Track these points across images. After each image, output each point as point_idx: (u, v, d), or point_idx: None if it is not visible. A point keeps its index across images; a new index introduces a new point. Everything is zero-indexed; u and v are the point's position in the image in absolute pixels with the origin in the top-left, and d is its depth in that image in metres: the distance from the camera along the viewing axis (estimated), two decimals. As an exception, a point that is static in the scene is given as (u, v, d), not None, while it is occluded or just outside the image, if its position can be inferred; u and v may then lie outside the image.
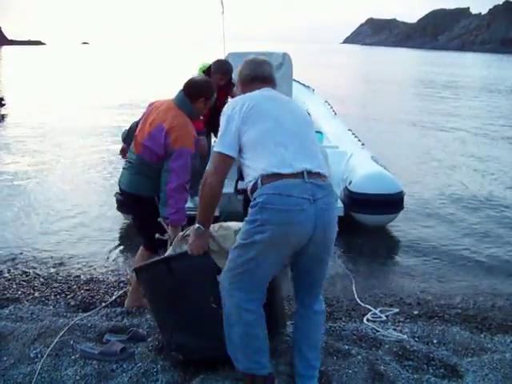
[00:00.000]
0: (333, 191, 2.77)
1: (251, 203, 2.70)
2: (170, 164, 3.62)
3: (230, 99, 6.66)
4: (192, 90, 3.79)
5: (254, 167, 2.73)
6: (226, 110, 2.92)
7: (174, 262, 3.08)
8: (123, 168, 4.04)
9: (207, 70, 6.18)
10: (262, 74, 3.12)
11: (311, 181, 2.65)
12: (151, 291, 3.33)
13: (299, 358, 2.98)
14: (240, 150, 2.81)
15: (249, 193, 2.78)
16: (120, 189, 4.09)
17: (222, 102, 6.53)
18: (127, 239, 6.16)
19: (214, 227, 3.14)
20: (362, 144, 7.78)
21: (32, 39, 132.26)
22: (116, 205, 6.22)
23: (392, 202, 6.31)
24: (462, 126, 15.10)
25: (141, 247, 4.18)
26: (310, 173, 2.66)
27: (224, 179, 2.82)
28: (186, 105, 3.76)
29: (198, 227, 2.88)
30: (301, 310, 3.01)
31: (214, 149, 2.85)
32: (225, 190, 6.13)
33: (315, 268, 2.87)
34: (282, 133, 2.79)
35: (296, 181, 2.62)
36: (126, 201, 4.23)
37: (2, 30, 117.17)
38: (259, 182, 2.67)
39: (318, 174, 2.71)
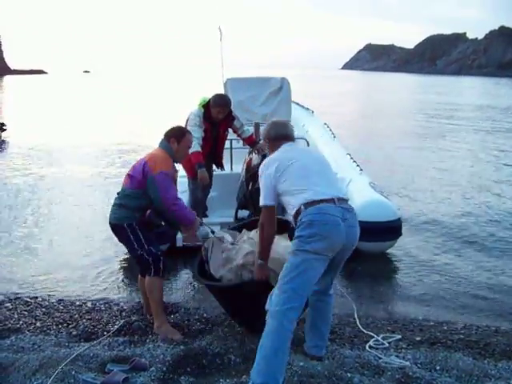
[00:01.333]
0: (355, 213, 3.63)
1: (298, 224, 3.47)
2: (157, 193, 4.17)
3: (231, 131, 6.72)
4: (166, 133, 4.48)
5: (295, 202, 3.52)
6: (263, 169, 3.72)
7: (246, 287, 4.00)
8: None
9: (206, 105, 6.25)
10: (285, 133, 3.98)
11: (341, 205, 3.50)
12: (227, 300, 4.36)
13: (314, 332, 3.86)
14: (279, 195, 3.63)
15: (292, 218, 3.57)
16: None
17: (223, 136, 6.59)
18: (128, 269, 6.16)
19: None
20: (361, 169, 7.73)
21: (34, 68, 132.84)
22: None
23: (389, 229, 6.34)
24: (462, 152, 15.07)
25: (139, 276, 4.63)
26: (339, 199, 3.51)
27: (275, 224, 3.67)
28: (163, 144, 4.43)
29: (261, 263, 3.72)
30: (320, 295, 3.80)
31: (260, 204, 3.63)
32: (224, 220, 6.25)
33: (340, 265, 3.72)
34: (311, 174, 3.64)
35: (330, 204, 3.46)
36: (113, 231, 4.59)
37: (5, 60, 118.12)
38: (302, 207, 3.46)
39: (344, 200, 3.58)
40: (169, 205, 4.18)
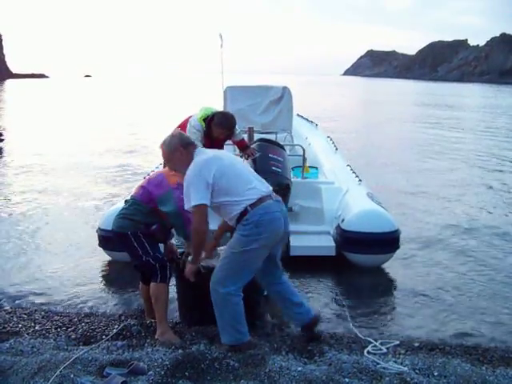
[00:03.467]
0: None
1: (244, 223, 3.82)
2: (176, 203, 4.18)
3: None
4: None
5: (240, 201, 3.84)
6: (194, 171, 3.85)
7: None
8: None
9: (208, 120, 5.95)
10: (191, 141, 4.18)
11: (276, 199, 3.96)
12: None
13: (290, 306, 4.21)
14: (218, 194, 3.83)
15: (235, 217, 3.87)
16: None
17: (220, 146, 6.54)
18: (127, 273, 6.13)
19: None
20: (360, 180, 7.54)
21: (35, 72, 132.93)
22: (98, 241, 6.23)
23: (386, 241, 6.04)
24: (465, 167, 14.89)
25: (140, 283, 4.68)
26: (272, 194, 3.96)
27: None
28: None
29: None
30: (274, 281, 4.18)
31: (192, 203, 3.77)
32: (212, 227, 6.20)
33: (277, 254, 4.14)
34: (244, 173, 4.01)
35: (270, 201, 3.89)
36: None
37: (7, 63, 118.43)
38: (248, 208, 3.80)
39: (272, 192, 3.99)
40: (186, 215, 4.11)
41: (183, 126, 6.20)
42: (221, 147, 6.53)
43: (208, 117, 5.97)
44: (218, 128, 5.89)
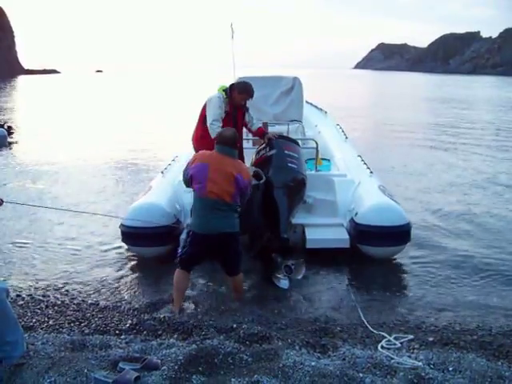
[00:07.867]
0: None
1: None
2: (248, 194, 4.92)
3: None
4: (232, 141, 4.94)
5: None
6: None
7: None
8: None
9: (229, 90, 6.39)
10: None
11: None
12: None
13: None
14: None
15: None
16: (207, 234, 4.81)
17: (241, 120, 6.61)
18: (139, 268, 6.18)
19: None
20: (371, 172, 7.57)
21: (47, 68, 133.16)
22: (121, 236, 6.26)
23: (398, 234, 6.21)
24: (478, 163, 14.70)
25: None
26: None
27: None
28: (235, 153, 4.96)
29: None
30: None
31: None
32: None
33: None
34: None
35: None
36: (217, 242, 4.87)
37: (19, 60, 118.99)
38: None
39: None
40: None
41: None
42: (241, 117, 6.56)
43: (227, 88, 6.41)
44: (240, 94, 6.36)
